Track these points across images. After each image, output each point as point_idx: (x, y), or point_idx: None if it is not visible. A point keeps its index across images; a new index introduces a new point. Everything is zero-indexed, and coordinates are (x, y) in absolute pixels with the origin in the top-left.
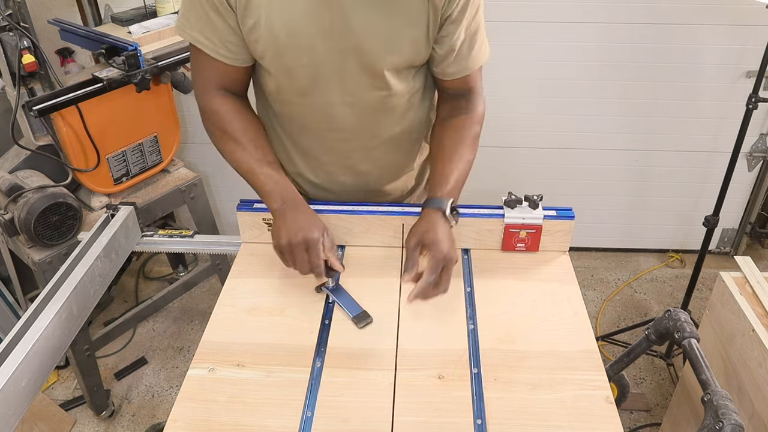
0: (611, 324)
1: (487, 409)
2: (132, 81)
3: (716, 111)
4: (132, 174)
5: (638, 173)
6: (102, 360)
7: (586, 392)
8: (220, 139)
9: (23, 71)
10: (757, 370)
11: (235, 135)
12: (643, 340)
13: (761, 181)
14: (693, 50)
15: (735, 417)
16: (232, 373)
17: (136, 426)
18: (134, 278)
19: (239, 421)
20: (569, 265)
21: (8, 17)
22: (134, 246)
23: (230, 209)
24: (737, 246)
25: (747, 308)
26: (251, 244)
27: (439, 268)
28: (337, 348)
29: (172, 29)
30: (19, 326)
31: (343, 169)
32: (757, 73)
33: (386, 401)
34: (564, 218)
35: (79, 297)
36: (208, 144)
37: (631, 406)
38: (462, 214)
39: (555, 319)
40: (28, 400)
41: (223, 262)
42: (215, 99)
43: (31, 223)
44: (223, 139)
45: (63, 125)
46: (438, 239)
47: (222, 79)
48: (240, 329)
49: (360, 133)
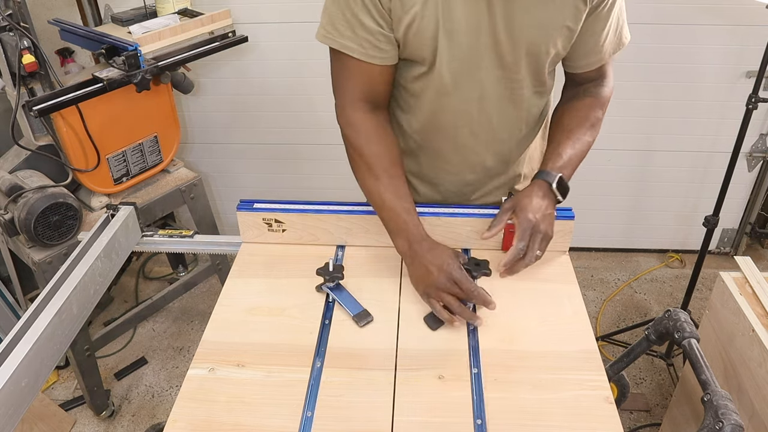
0: (611, 324)
1: (487, 409)
2: (132, 81)
3: (716, 111)
4: (132, 174)
5: (638, 173)
6: (102, 360)
7: (586, 392)
8: (355, 161)
9: (23, 71)
10: (757, 370)
11: (370, 161)
12: (643, 340)
13: (761, 181)
14: (693, 50)
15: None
16: (232, 373)
17: (136, 426)
18: (134, 278)
19: (239, 421)
20: (569, 265)
21: (8, 17)
22: (134, 246)
23: (230, 209)
24: (737, 246)
25: (747, 308)
26: (251, 244)
27: (526, 236)
28: (337, 348)
29: (172, 29)
30: (19, 326)
31: (468, 166)
32: (757, 73)
33: (386, 401)
34: (564, 218)
35: (79, 297)
36: (208, 144)
37: (631, 406)
38: (462, 214)
39: (555, 319)
40: (28, 400)
41: (223, 262)
42: (357, 113)
43: (31, 223)
44: (357, 163)
45: (63, 125)
46: (530, 206)
47: (368, 86)
48: (240, 329)
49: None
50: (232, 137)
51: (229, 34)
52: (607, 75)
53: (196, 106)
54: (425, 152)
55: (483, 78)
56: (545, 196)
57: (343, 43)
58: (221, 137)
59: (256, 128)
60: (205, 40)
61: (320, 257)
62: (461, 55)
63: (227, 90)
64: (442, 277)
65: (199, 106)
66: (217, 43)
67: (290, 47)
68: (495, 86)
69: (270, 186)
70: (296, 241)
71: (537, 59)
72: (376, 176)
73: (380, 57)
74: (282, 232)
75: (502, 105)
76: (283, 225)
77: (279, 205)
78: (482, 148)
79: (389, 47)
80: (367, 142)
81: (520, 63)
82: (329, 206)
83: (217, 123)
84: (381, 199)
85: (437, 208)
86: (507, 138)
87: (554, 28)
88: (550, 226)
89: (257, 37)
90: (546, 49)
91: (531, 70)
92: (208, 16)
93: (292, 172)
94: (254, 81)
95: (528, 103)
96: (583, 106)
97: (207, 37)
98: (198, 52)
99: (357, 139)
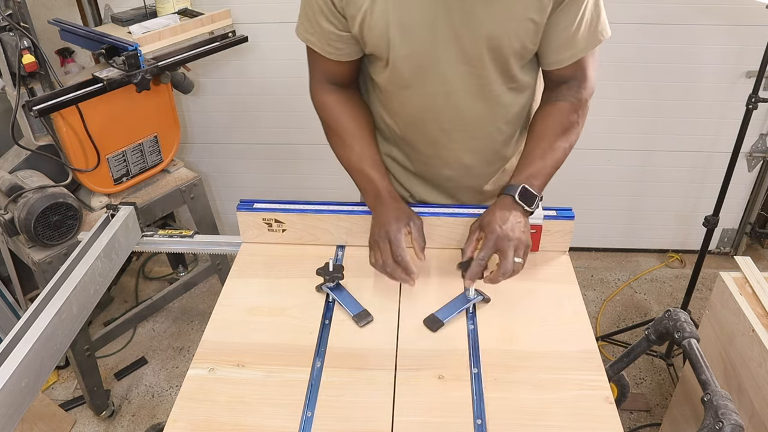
0: (611, 324)
1: (487, 409)
2: (132, 81)
3: (716, 111)
4: (132, 174)
5: (638, 173)
6: (102, 360)
7: (586, 392)
8: (327, 134)
9: (23, 71)
10: (757, 370)
11: (339, 130)
12: (643, 340)
13: (761, 181)
14: (693, 50)
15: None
16: (232, 373)
17: (136, 426)
18: (134, 278)
19: (239, 421)
20: (569, 265)
21: (8, 17)
22: (134, 246)
23: (230, 209)
24: (737, 246)
25: (747, 308)
26: (251, 244)
27: (490, 247)
28: (337, 348)
29: (172, 29)
30: (19, 326)
31: (443, 161)
32: (757, 73)
33: (386, 401)
34: (564, 218)
35: (79, 297)
36: (208, 144)
37: (631, 406)
38: (462, 214)
39: (555, 319)
40: (28, 400)
41: (223, 262)
42: (325, 93)
43: (31, 223)
44: (329, 135)
45: (63, 125)
46: (494, 219)
47: (330, 75)
48: (240, 329)
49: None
50: (232, 137)
51: (229, 34)
52: (586, 75)
53: (196, 106)
54: (405, 143)
55: (446, 73)
56: (511, 208)
57: (306, 36)
58: (221, 137)
59: (256, 128)
60: (205, 40)
61: (320, 257)
62: (418, 49)
63: (227, 90)
64: (381, 233)
65: (199, 106)
66: (217, 43)
67: (290, 47)
68: (461, 81)
69: (270, 186)
70: (296, 241)
71: (500, 53)
72: (346, 144)
73: (336, 54)
74: (282, 232)
75: (473, 101)
76: (283, 225)
77: (279, 205)
78: (456, 145)
79: (344, 45)
80: (336, 114)
81: (484, 57)
82: (329, 206)
83: (217, 123)
84: (349, 162)
85: (437, 208)
86: (483, 136)
87: (515, 20)
88: (522, 233)
89: (257, 37)
90: (508, 42)
91: (497, 64)
92: (208, 16)
93: (292, 172)
94: (254, 81)
95: (501, 99)
96: (555, 111)
97: (207, 37)
98: (198, 52)
99: (326, 115)
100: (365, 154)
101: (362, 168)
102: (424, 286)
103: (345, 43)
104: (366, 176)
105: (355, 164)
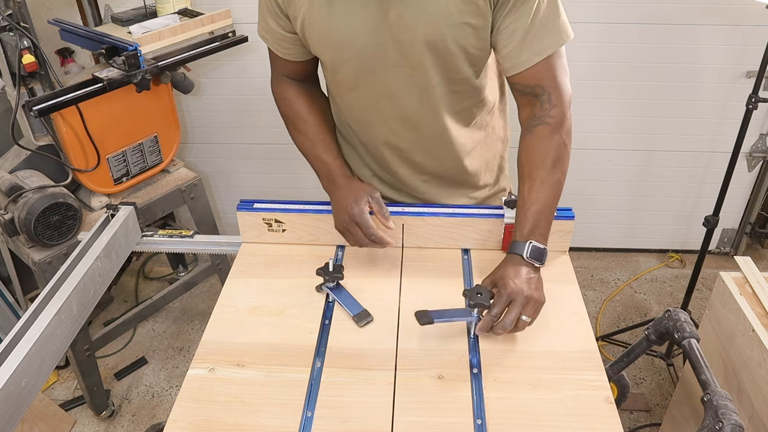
0: (611, 324)
1: (487, 409)
2: (132, 81)
3: (716, 111)
4: (132, 174)
5: (638, 173)
6: (102, 360)
7: (586, 392)
8: (286, 125)
9: (23, 71)
10: (757, 370)
11: (294, 119)
12: (643, 340)
13: (761, 181)
14: (693, 50)
15: (735, 417)
16: (232, 373)
17: (136, 426)
18: (134, 278)
19: (239, 421)
20: (569, 265)
21: (8, 17)
22: (134, 246)
23: (230, 209)
24: (737, 246)
25: (747, 308)
26: (251, 244)
27: (503, 302)
28: (337, 348)
29: (172, 29)
30: (19, 326)
31: (399, 161)
32: (757, 73)
33: (386, 401)
34: (564, 218)
35: (79, 297)
36: (208, 144)
37: (631, 406)
38: (462, 214)
39: (555, 319)
40: (28, 400)
41: (223, 262)
42: (282, 86)
43: (31, 223)
44: (287, 125)
45: (63, 125)
46: (507, 274)
47: (285, 70)
48: (240, 329)
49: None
50: (232, 137)
51: (229, 34)
52: (556, 82)
53: (196, 106)
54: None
55: (389, 76)
56: (522, 265)
57: (262, 34)
58: (221, 137)
59: (256, 128)
60: (205, 40)
61: (320, 257)
62: (358, 53)
63: (227, 90)
64: (345, 217)
65: (199, 106)
66: (217, 43)
67: None
68: (405, 84)
69: (270, 186)
70: (296, 241)
71: (442, 56)
72: (300, 131)
73: (286, 53)
74: (282, 232)
75: (417, 104)
76: (283, 225)
77: (279, 205)
78: (409, 146)
79: (291, 45)
80: (291, 105)
81: (426, 61)
82: (329, 206)
83: (217, 123)
84: (304, 147)
85: (437, 208)
86: (434, 137)
87: (449, 24)
88: (536, 290)
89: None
90: (444, 45)
91: (439, 68)
92: (208, 16)
93: (292, 172)
94: (254, 81)
95: (444, 101)
96: (537, 141)
97: (207, 37)
98: (198, 52)
99: (283, 106)
100: (317, 139)
101: (315, 152)
102: (424, 286)
103: (291, 43)
104: (318, 158)
105: (308, 149)
